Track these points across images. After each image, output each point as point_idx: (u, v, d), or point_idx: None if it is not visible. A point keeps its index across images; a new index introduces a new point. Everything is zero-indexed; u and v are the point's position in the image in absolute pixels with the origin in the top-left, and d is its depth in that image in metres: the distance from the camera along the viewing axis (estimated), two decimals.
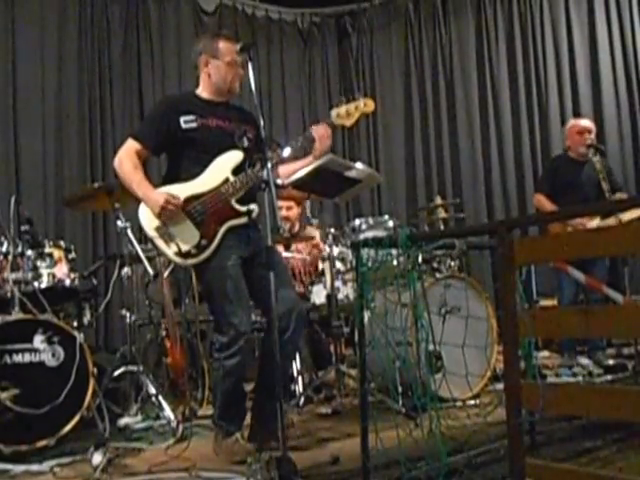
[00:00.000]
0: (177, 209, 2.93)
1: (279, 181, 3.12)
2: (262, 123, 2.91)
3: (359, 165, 3.35)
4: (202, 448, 3.13)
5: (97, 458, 2.91)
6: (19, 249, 3.65)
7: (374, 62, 8.01)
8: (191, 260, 2.97)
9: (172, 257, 2.97)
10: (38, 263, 3.73)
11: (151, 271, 3.68)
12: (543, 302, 5.54)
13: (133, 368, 3.95)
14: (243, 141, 3.10)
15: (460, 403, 3.78)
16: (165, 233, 2.95)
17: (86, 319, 4.33)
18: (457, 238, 3.75)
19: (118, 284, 4.47)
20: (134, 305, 4.34)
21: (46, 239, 3.91)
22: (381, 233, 3.99)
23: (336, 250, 4.11)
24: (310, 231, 4.78)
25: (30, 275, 3.66)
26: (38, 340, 3.34)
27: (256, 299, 3.06)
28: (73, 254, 3.96)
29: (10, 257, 3.58)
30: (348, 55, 8.17)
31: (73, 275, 3.88)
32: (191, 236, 2.96)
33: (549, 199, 4.95)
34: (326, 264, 4.12)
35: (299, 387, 4.22)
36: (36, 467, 3.01)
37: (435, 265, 4.43)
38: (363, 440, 2.51)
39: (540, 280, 4.79)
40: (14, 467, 3.01)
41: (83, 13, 6.52)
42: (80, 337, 3.45)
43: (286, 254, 4.56)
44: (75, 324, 4.16)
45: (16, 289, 3.51)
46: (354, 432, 2.90)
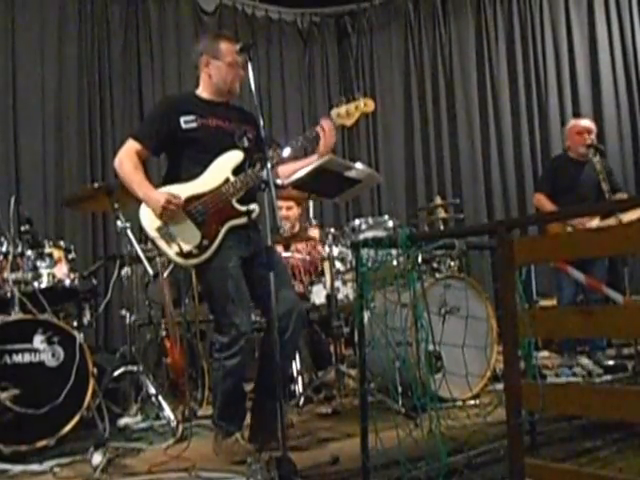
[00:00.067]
0: (178, 209, 2.93)
1: (279, 181, 3.12)
2: (262, 123, 2.91)
3: (359, 165, 3.35)
4: (202, 448, 3.13)
5: (97, 458, 2.91)
6: (19, 249, 3.65)
7: (374, 62, 8.00)
8: (192, 260, 2.97)
9: (173, 257, 2.97)
10: (38, 263, 3.73)
11: (151, 271, 3.68)
12: (543, 302, 5.54)
13: (133, 368, 3.95)
14: (243, 141, 3.10)
15: (460, 403, 3.78)
16: (166, 233, 2.95)
17: (86, 319, 4.33)
18: (457, 238, 3.75)
19: (118, 284, 4.47)
20: (134, 305, 4.34)
21: (46, 239, 3.91)
22: (381, 233, 3.99)
23: (336, 250, 4.11)
24: (310, 232, 4.78)
25: (30, 275, 3.66)
26: (38, 340, 3.34)
27: (256, 299, 3.06)
28: (73, 254, 3.96)
29: (10, 257, 3.58)
30: (348, 55, 8.17)
31: (73, 275, 3.88)
32: (192, 236, 2.96)
33: (549, 199, 4.96)
34: (326, 264, 4.12)
35: (299, 387, 4.22)
36: (36, 467, 3.01)
37: (435, 265, 4.43)
38: (363, 440, 2.51)
39: (540, 280, 4.79)
40: (14, 467, 3.01)
41: (83, 13, 6.53)
42: (80, 337, 3.45)
43: (286, 254, 4.56)
44: (75, 324, 4.16)
45: (16, 289, 3.51)
46: (354, 432, 2.89)
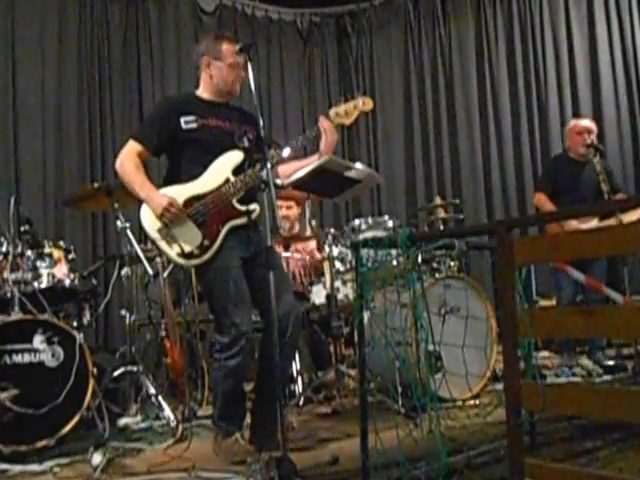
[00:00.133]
0: (179, 212, 2.94)
1: (278, 181, 3.11)
2: (262, 123, 2.91)
3: (359, 165, 3.34)
4: (202, 448, 3.13)
5: (97, 458, 2.92)
6: (19, 249, 3.65)
7: (374, 62, 8.01)
8: (194, 261, 2.96)
9: (175, 258, 2.97)
10: (38, 263, 3.73)
11: (151, 271, 3.68)
12: (543, 302, 5.54)
13: (133, 368, 3.96)
14: (243, 141, 3.09)
15: (460, 403, 3.77)
16: (167, 234, 2.95)
17: (86, 319, 4.32)
18: (457, 238, 3.75)
19: (118, 284, 4.48)
20: (134, 305, 4.35)
21: (46, 239, 3.92)
22: (381, 233, 3.99)
23: (336, 250, 4.11)
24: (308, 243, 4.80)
25: (30, 275, 3.66)
26: (38, 340, 3.34)
27: (255, 300, 3.06)
28: (73, 254, 3.96)
29: (10, 257, 3.58)
30: (348, 55, 8.17)
31: (73, 275, 3.88)
32: (193, 237, 2.96)
33: (549, 199, 4.95)
34: (326, 264, 4.12)
35: (299, 387, 4.22)
36: (36, 467, 3.01)
37: (435, 265, 4.42)
38: (363, 440, 2.51)
39: (539, 280, 4.79)
40: (14, 467, 3.01)
41: (83, 13, 6.53)
42: (80, 337, 3.45)
43: (285, 254, 4.55)
44: (75, 324, 4.16)
45: (16, 289, 3.51)
46: (354, 432, 2.89)
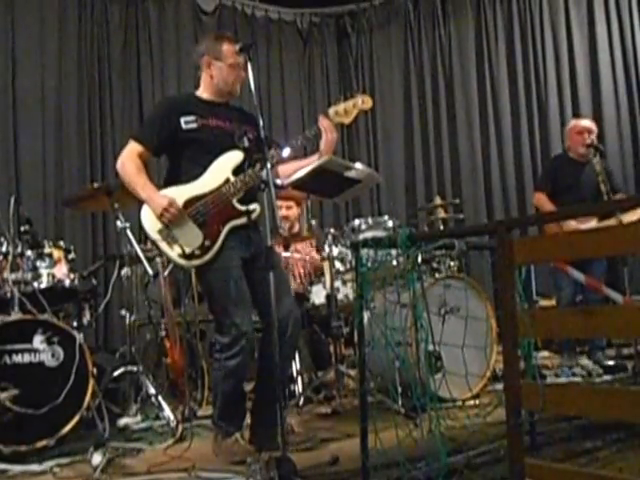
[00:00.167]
0: (178, 214, 2.94)
1: (278, 181, 3.11)
2: (261, 123, 2.91)
3: (358, 165, 3.34)
4: (201, 448, 3.13)
5: (97, 458, 2.92)
6: (19, 249, 3.65)
7: (373, 62, 8.00)
8: (195, 262, 2.96)
9: (176, 259, 2.97)
10: (38, 263, 3.73)
11: (150, 271, 3.68)
12: (542, 302, 5.54)
13: (133, 368, 3.95)
14: (243, 141, 3.09)
15: (460, 403, 3.77)
16: (168, 235, 2.95)
17: (86, 319, 4.32)
18: (457, 238, 3.75)
19: (118, 284, 4.48)
20: (134, 305, 4.34)
21: (46, 239, 3.91)
22: (381, 233, 3.98)
23: (336, 250, 4.11)
24: (305, 247, 4.80)
25: (30, 275, 3.66)
26: (38, 340, 3.34)
27: (255, 301, 3.05)
28: (73, 254, 3.96)
29: (10, 257, 3.58)
30: (347, 55, 8.17)
31: (73, 275, 3.87)
32: (194, 237, 2.95)
33: (549, 198, 4.95)
34: (326, 264, 4.12)
35: (299, 387, 4.22)
36: (36, 467, 3.01)
37: (435, 265, 4.42)
38: (362, 440, 2.51)
39: (539, 280, 4.78)
40: (14, 467, 3.01)
41: (83, 13, 6.52)
42: (80, 337, 3.45)
43: (285, 254, 4.55)
44: (75, 324, 4.15)
45: (16, 289, 3.51)
46: (354, 432, 2.90)
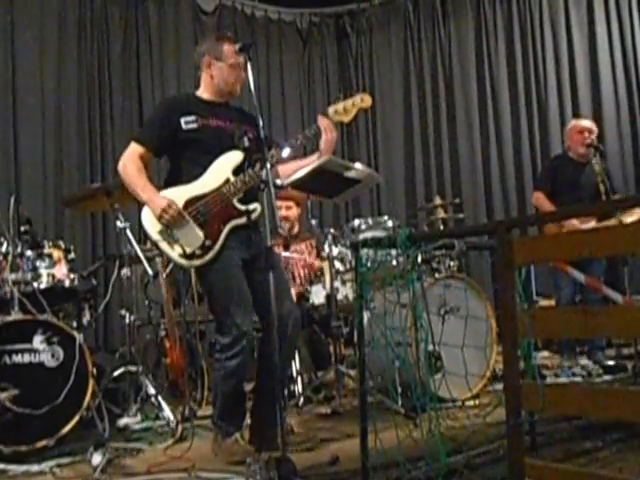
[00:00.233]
0: (177, 215, 2.94)
1: (278, 181, 3.12)
2: (261, 123, 2.92)
3: (358, 165, 3.34)
4: (201, 448, 3.13)
5: (96, 458, 2.92)
6: (18, 249, 3.65)
7: (373, 62, 8.00)
8: (196, 261, 2.97)
9: (177, 259, 2.97)
10: (37, 263, 3.72)
11: (150, 271, 3.68)
12: (542, 302, 5.53)
13: (132, 368, 3.95)
14: (243, 141, 3.09)
15: (459, 403, 3.78)
16: (169, 236, 2.95)
17: (85, 319, 4.32)
18: (456, 238, 3.75)
19: (117, 284, 4.47)
20: (133, 305, 4.34)
21: (45, 239, 3.91)
22: (380, 233, 3.98)
23: (335, 250, 4.11)
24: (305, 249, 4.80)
25: (29, 275, 3.66)
26: (37, 340, 3.34)
27: (254, 301, 3.05)
28: (72, 254, 3.96)
29: (10, 257, 3.58)
30: (347, 55, 8.17)
31: (72, 275, 3.87)
32: (195, 237, 2.96)
33: (548, 198, 4.94)
34: (325, 264, 4.12)
35: (298, 387, 4.21)
36: (35, 467, 3.01)
37: (434, 265, 4.42)
38: (362, 440, 2.51)
39: (539, 281, 4.78)
40: (13, 467, 3.01)
41: (83, 13, 6.52)
42: (79, 337, 3.45)
43: (285, 254, 4.55)
44: (74, 324, 4.16)
45: (15, 289, 3.51)
46: (353, 432, 2.90)
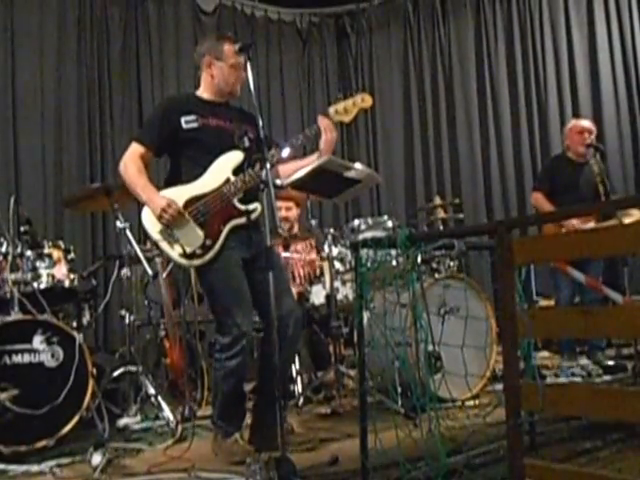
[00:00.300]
0: (177, 215, 2.94)
1: (278, 181, 3.12)
2: (261, 123, 2.92)
3: (358, 165, 3.34)
4: (201, 449, 3.13)
5: (96, 459, 2.92)
6: (18, 250, 3.65)
7: (373, 62, 8.00)
8: (196, 261, 2.97)
9: (177, 259, 2.98)
10: (37, 264, 3.73)
11: (150, 271, 3.68)
12: (542, 302, 5.54)
13: (132, 368, 3.95)
14: (244, 141, 3.09)
15: (459, 403, 3.77)
16: (169, 235, 2.95)
17: (85, 319, 4.33)
18: (456, 238, 3.75)
19: (117, 284, 4.47)
20: (133, 305, 4.34)
21: (45, 240, 3.91)
22: (380, 233, 3.98)
23: (335, 250, 4.11)
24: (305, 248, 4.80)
25: (29, 276, 3.66)
26: (37, 341, 3.34)
27: (255, 301, 3.05)
28: (72, 255, 3.96)
29: (9, 258, 3.58)
30: (347, 55, 8.17)
31: (72, 276, 3.87)
32: (195, 237, 2.96)
33: (547, 198, 4.94)
34: (325, 264, 4.12)
35: (298, 387, 4.22)
36: (35, 467, 3.01)
37: (434, 265, 4.42)
38: (362, 440, 2.51)
39: (538, 281, 4.78)
40: (13, 467, 3.01)
41: (83, 14, 6.52)
42: (79, 337, 3.45)
43: (285, 254, 4.55)
44: (74, 324, 4.16)
45: (15, 290, 3.51)
46: (353, 432, 2.90)
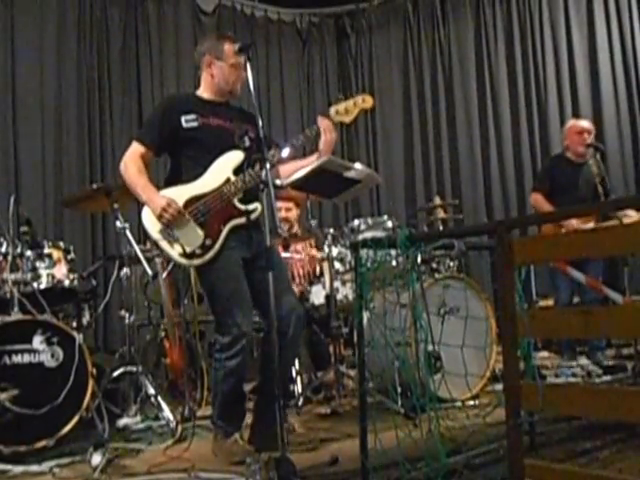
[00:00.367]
0: (177, 214, 2.94)
1: (278, 181, 3.12)
2: (261, 123, 2.92)
3: (358, 165, 3.34)
4: (201, 449, 3.13)
5: (96, 459, 2.92)
6: (18, 250, 3.65)
7: (373, 62, 8.01)
8: (197, 261, 2.97)
9: (177, 259, 2.98)
10: (37, 264, 3.73)
11: (150, 272, 3.68)
12: (542, 302, 5.54)
13: (132, 369, 3.95)
14: (244, 141, 3.09)
15: (459, 404, 3.77)
16: (169, 235, 2.96)
17: (85, 320, 4.33)
18: (456, 238, 3.75)
19: (117, 285, 4.47)
20: (133, 306, 4.34)
21: (45, 240, 3.92)
22: (380, 233, 3.99)
23: (335, 250, 4.11)
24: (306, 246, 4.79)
25: (29, 276, 3.66)
26: (37, 341, 3.34)
27: (256, 301, 3.06)
28: (72, 255, 3.96)
29: (9, 258, 3.58)
30: (347, 55, 8.18)
31: (72, 276, 3.87)
32: (195, 237, 2.96)
33: (546, 198, 4.94)
34: (325, 264, 4.11)
35: (298, 387, 4.21)
36: (35, 468, 3.02)
37: (434, 265, 4.42)
38: (362, 441, 2.51)
39: (538, 281, 4.78)
40: (13, 468, 3.01)
41: (82, 14, 6.52)
42: (79, 338, 3.44)
43: (285, 254, 4.55)
44: (74, 325, 4.16)
45: (15, 290, 3.51)
46: (353, 432, 2.90)
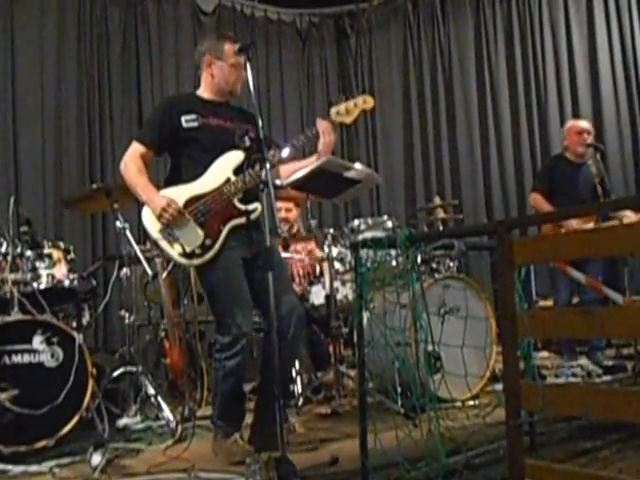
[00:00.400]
0: (177, 214, 2.94)
1: (278, 182, 3.12)
2: (261, 123, 2.92)
3: (358, 166, 3.34)
4: (201, 449, 3.13)
5: (96, 459, 2.92)
6: (18, 250, 3.65)
7: (373, 62, 8.01)
8: (196, 260, 2.97)
9: (177, 258, 2.98)
10: (37, 264, 3.73)
11: (150, 272, 3.68)
12: (542, 303, 5.54)
13: (132, 369, 3.95)
14: (244, 141, 3.09)
15: (459, 404, 3.77)
16: (169, 235, 2.96)
17: (85, 320, 4.33)
18: (456, 238, 3.75)
19: (117, 285, 4.48)
20: (133, 306, 4.35)
21: (45, 240, 3.91)
22: (380, 234, 3.98)
23: (335, 251, 4.11)
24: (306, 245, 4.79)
25: (29, 276, 3.66)
26: (37, 341, 3.34)
27: (256, 301, 3.06)
28: (72, 255, 3.96)
29: (9, 258, 3.58)
30: (347, 55, 8.18)
31: (72, 276, 3.87)
32: (195, 236, 2.96)
33: (545, 198, 4.94)
34: (325, 264, 4.11)
35: (298, 387, 4.21)
36: (35, 468, 3.01)
37: (434, 265, 4.42)
38: (362, 441, 2.51)
39: (538, 281, 4.78)
40: (13, 468, 3.01)
41: (82, 14, 6.53)
42: (79, 338, 3.44)
43: (285, 254, 4.55)
44: (74, 325, 4.16)
45: (15, 290, 3.51)
46: (353, 433, 2.89)
